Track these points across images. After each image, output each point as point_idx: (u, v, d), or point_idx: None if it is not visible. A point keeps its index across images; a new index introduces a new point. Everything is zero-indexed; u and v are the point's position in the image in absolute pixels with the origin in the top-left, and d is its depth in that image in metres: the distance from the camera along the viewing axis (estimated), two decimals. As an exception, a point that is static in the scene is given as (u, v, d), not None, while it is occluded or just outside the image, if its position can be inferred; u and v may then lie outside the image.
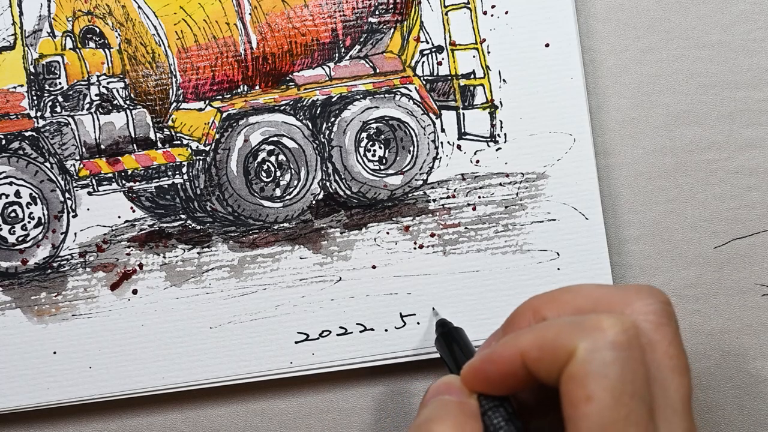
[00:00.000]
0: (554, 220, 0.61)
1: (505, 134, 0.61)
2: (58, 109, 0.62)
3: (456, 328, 0.57)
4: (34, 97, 0.62)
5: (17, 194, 0.62)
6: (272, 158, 0.63)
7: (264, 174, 0.63)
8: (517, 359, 0.43)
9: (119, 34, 0.62)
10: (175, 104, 0.62)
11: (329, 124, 0.62)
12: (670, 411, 0.42)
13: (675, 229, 0.62)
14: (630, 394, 0.40)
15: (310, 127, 0.63)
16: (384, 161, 0.63)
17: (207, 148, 0.62)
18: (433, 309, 0.60)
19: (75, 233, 0.62)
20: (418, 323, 0.61)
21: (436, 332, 0.57)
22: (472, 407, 0.45)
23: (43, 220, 0.62)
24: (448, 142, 0.62)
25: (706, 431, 0.62)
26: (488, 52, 0.61)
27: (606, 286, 0.46)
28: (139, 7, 0.62)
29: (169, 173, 0.62)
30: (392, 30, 0.63)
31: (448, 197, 0.62)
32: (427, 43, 0.62)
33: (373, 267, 0.61)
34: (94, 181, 0.62)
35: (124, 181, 0.62)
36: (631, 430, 0.40)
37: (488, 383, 0.45)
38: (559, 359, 0.42)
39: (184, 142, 0.62)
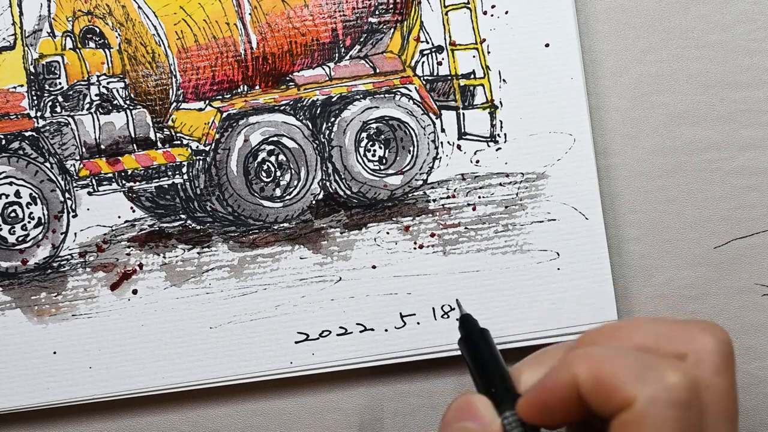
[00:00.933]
0: (554, 220, 0.61)
1: (505, 134, 0.61)
2: (58, 109, 0.62)
3: (481, 330, 0.53)
4: (34, 97, 0.62)
5: (17, 194, 0.62)
6: (272, 158, 0.63)
7: (264, 174, 0.63)
8: (573, 389, 0.42)
9: (119, 34, 0.62)
10: (175, 104, 0.62)
11: (329, 124, 0.62)
12: None
13: (675, 229, 0.62)
14: None
15: (310, 127, 0.63)
16: (384, 161, 0.63)
17: (207, 148, 0.62)
18: (457, 301, 0.60)
19: (75, 233, 0.62)
20: (418, 323, 0.61)
21: (460, 330, 0.55)
22: None
23: (43, 220, 0.62)
24: (448, 142, 0.62)
25: (706, 431, 0.62)
26: (488, 52, 0.61)
27: (667, 320, 0.45)
28: (139, 7, 0.62)
29: (169, 173, 0.62)
30: (392, 30, 0.63)
31: (448, 197, 0.62)
32: (427, 43, 0.62)
33: (373, 267, 0.61)
34: (94, 181, 0.62)
35: (124, 181, 0.62)
36: None
37: (548, 413, 0.44)
38: (614, 401, 0.41)
39: (184, 142, 0.62)
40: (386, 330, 0.61)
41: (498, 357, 0.51)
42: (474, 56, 0.62)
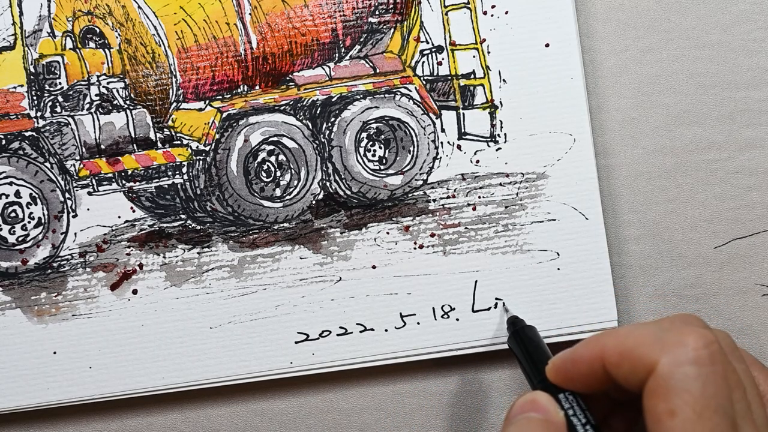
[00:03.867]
0: (554, 220, 0.61)
1: (505, 134, 0.61)
2: (58, 109, 0.62)
3: (529, 326, 0.57)
4: (34, 97, 0.62)
5: (17, 194, 0.62)
6: (272, 158, 0.63)
7: (264, 174, 0.63)
8: (598, 361, 0.45)
9: (119, 34, 0.62)
10: (175, 104, 0.62)
11: (329, 124, 0.62)
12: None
13: (675, 229, 0.62)
14: (713, 408, 0.41)
15: (310, 127, 0.63)
16: (384, 161, 0.63)
17: (207, 148, 0.62)
18: (504, 305, 0.60)
19: (75, 233, 0.62)
20: (418, 323, 0.61)
21: (508, 330, 0.57)
22: (558, 425, 0.46)
23: (43, 220, 0.62)
24: (448, 142, 0.62)
25: (706, 431, 0.62)
26: (488, 52, 0.61)
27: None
28: (139, 7, 0.62)
29: (169, 173, 0.62)
30: (392, 30, 0.63)
31: (448, 197, 0.62)
32: (427, 43, 0.62)
33: (373, 267, 0.61)
34: (94, 181, 0.62)
35: (124, 181, 0.62)
36: None
37: (570, 381, 0.47)
38: (639, 370, 0.43)
39: (184, 142, 0.62)
40: (386, 330, 0.61)
41: (546, 348, 0.54)
42: (474, 56, 0.62)
